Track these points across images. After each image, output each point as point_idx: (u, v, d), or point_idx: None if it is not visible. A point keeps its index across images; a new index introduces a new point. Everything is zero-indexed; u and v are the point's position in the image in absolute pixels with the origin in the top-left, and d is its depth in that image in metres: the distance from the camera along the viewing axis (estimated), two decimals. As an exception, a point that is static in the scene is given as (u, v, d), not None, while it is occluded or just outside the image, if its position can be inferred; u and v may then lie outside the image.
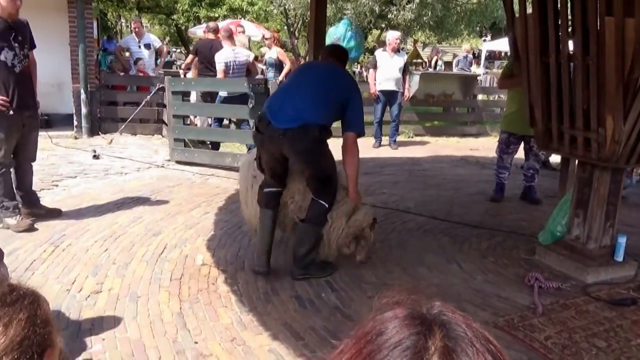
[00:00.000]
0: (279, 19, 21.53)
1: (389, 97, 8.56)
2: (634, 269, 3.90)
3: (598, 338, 3.00)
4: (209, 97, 7.54)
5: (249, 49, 9.98)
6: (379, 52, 8.71)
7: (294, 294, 3.39)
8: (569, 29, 3.55)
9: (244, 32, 10.17)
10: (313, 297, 3.38)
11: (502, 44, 26.83)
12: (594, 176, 3.76)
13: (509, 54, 28.79)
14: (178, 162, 6.82)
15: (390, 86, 8.45)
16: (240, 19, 17.83)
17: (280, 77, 8.83)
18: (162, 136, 8.51)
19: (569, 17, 3.57)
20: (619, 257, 3.87)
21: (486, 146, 9.19)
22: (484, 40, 30.03)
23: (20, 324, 1.11)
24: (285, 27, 21.33)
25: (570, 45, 3.56)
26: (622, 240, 3.84)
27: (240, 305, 3.23)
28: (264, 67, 10.31)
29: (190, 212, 4.91)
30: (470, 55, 17.91)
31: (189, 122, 8.13)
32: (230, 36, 7.33)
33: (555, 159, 7.57)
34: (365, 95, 10.27)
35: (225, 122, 8.60)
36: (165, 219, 4.71)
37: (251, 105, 6.30)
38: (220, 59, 7.16)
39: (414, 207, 5.36)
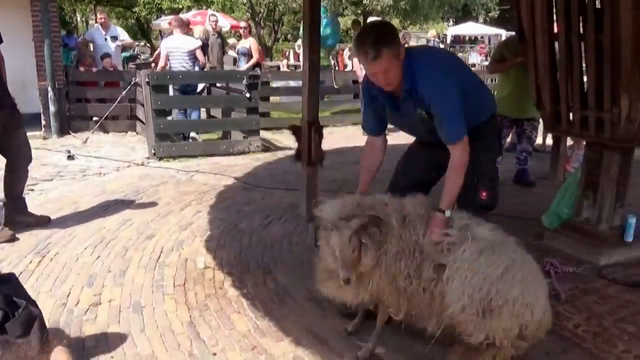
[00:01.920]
0: (243, 8, 21.11)
1: None
2: (645, 249, 3.86)
3: (626, 323, 2.93)
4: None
5: (219, 38, 9.72)
6: None
7: (308, 295, 3.18)
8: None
9: (217, 21, 9.91)
10: (329, 297, 3.20)
11: (466, 28, 27.21)
12: (603, 157, 3.69)
13: (473, 38, 28.89)
14: (160, 159, 6.52)
15: None
16: (205, 9, 17.42)
17: (246, 66, 8.83)
18: (137, 133, 8.16)
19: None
20: (629, 238, 3.83)
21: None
22: (448, 25, 30.28)
23: None
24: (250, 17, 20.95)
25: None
26: (633, 221, 3.79)
27: (254, 310, 3.03)
28: (236, 56, 10.19)
29: (181, 212, 4.67)
30: (438, 41, 17.89)
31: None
32: (181, 25, 7.62)
33: (537, 140, 7.56)
34: (341, 84, 10.14)
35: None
36: (156, 220, 4.46)
37: (248, 95, 6.58)
38: (163, 46, 7.78)
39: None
